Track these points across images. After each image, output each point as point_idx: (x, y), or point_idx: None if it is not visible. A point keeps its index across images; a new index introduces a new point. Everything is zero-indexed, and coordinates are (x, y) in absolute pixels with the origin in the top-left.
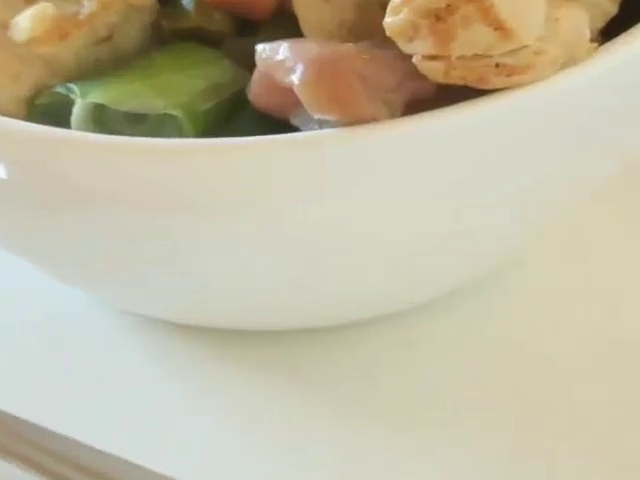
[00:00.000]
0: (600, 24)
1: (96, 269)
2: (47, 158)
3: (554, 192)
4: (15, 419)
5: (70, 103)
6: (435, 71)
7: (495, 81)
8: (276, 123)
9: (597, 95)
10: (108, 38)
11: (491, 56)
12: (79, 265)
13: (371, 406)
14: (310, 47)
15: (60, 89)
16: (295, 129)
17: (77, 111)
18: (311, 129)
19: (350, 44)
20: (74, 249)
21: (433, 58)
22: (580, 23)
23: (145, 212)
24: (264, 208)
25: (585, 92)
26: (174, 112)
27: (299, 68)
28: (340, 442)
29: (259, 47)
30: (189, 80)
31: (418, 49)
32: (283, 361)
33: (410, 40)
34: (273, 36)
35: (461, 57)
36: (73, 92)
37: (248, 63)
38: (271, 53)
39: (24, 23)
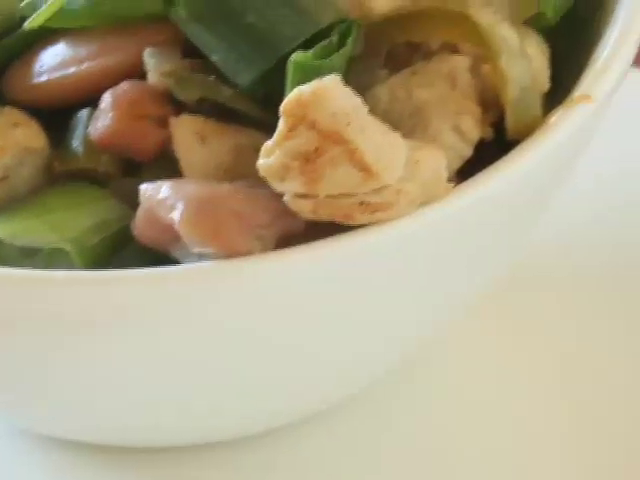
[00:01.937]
0: (456, 165)
1: None
2: None
3: (426, 311)
4: None
5: None
6: (304, 209)
7: (360, 218)
8: (158, 256)
9: (453, 230)
10: (4, 179)
11: (356, 195)
12: None
13: None
14: (189, 187)
15: None
16: (176, 262)
17: None
18: (191, 262)
19: (226, 184)
20: None
21: (303, 197)
22: (438, 165)
23: (34, 334)
24: (145, 335)
25: (441, 227)
26: (64, 246)
27: (179, 206)
28: None
29: (143, 187)
30: (78, 217)
31: (289, 188)
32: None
33: (282, 180)
34: (156, 176)
35: (328, 196)
36: None
37: (133, 201)
38: (154, 192)
39: None
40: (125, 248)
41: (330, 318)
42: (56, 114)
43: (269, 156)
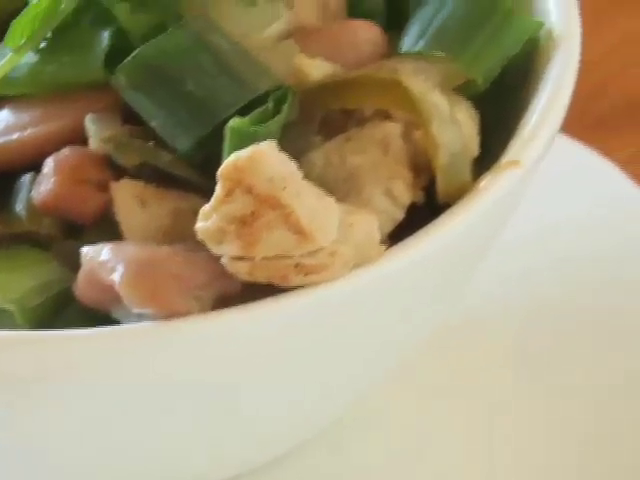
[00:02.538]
0: (388, 229)
1: None
2: None
3: (359, 366)
4: None
5: None
6: (241, 270)
7: (295, 280)
8: (100, 316)
9: (385, 291)
10: None
11: (291, 257)
12: None
13: None
14: (129, 249)
15: None
16: (117, 322)
17: None
18: (131, 322)
19: (165, 247)
20: None
21: (239, 259)
22: (371, 228)
23: None
24: (84, 393)
25: (374, 289)
26: (8, 307)
27: (119, 268)
28: None
29: (84, 249)
30: (22, 279)
31: (226, 251)
32: None
33: (219, 243)
34: (97, 239)
35: (264, 258)
36: None
37: (75, 263)
38: (95, 254)
39: None
40: (67, 309)
41: (267, 375)
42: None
43: (207, 220)
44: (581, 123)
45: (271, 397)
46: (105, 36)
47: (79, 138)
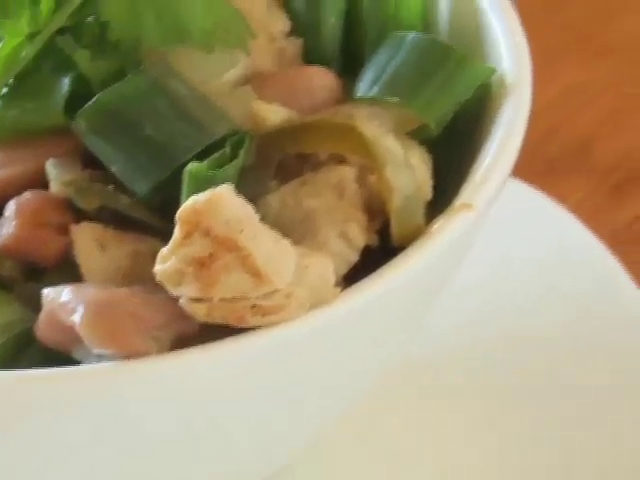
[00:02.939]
0: (343, 271)
1: None
2: None
3: (317, 404)
4: None
5: None
6: (199, 312)
7: (251, 320)
8: (60, 357)
9: (341, 331)
10: None
11: (248, 298)
12: None
13: None
14: (89, 291)
15: None
16: (78, 362)
17: None
18: (91, 362)
19: (124, 288)
20: None
21: (197, 300)
22: (326, 270)
23: None
24: (42, 433)
25: (330, 329)
26: None
27: (79, 309)
28: None
29: (45, 291)
30: None
31: (184, 292)
32: None
33: (177, 285)
34: (58, 281)
35: (222, 299)
36: None
37: (36, 305)
38: (55, 296)
39: None
40: (29, 349)
41: (228, 413)
42: None
43: (165, 262)
44: (531, 168)
45: (234, 434)
46: (66, 82)
47: (40, 182)
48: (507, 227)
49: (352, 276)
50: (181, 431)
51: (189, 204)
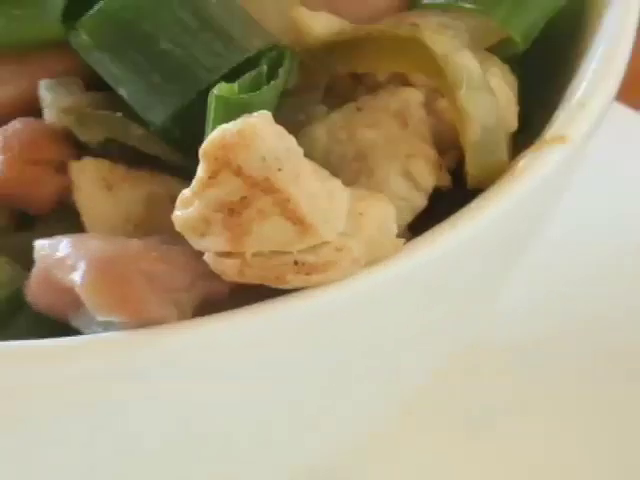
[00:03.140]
0: (408, 218)
1: None
2: None
3: (362, 384)
4: None
5: None
6: (229, 270)
7: (293, 280)
8: (56, 324)
9: (401, 294)
10: None
11: (289, 253)
12: None
13: None
14: (93, 244)
15: None
16: (77, 331)
17: None
18: (94, 332)
19: (137, 240)
20: None
21: (227, 255)
22: (385, 218)
23: None
24: (41, 422)
25: (389, 291)
26: None
27: (81, 267)
28: None
29: (38, 243)
30: None
31: (210, 246)
32: None
33: (202, 236)
34: (54, 231)
35: (257, 254)
36: None
37: (27, 260)
38: (51, 250)
39: None
40: (17, 316)
41: (253, 394)
42: None
43: (187, 207)
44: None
45: (256, 423)
46: None
47: (32, 108)
48: (610, 167)
49: (418, 226)
50: (197, 412)
51: (216, 136)
